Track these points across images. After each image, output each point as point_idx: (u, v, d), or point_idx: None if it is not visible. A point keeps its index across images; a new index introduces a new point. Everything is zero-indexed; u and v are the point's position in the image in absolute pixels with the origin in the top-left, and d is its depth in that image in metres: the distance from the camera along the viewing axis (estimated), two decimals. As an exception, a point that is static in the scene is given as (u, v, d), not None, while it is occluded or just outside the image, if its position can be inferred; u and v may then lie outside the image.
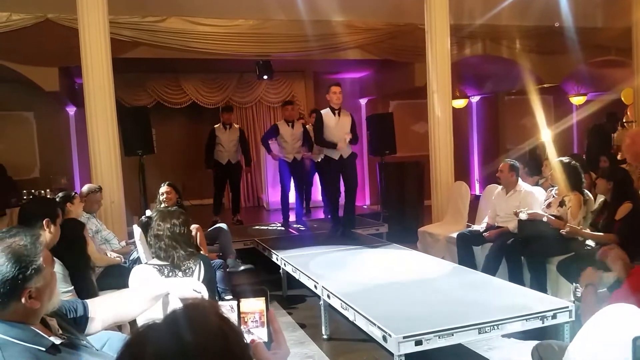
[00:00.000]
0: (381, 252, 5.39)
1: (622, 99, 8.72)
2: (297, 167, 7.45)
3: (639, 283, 2.37)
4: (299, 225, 7.31)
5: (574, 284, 3.66)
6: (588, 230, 4.45)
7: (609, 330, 1.98)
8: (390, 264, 4.93)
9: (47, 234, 2.87)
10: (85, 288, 3.06)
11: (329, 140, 5.77)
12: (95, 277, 3.73)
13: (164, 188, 5.18)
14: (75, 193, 4.64)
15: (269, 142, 7.54)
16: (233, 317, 1.40)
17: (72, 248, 3.18)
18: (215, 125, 7.97)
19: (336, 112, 5.83)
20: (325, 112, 5.86)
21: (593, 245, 4.38)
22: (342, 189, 6.03)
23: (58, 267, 2.72)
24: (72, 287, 2.92)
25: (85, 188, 5.03)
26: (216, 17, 7.44)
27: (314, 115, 7.05)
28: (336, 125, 5.80)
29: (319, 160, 6.10)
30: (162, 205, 4.97)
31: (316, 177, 8.13)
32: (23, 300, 1.57)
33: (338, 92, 5.78)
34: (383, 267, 4.83)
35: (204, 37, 7.46)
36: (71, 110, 9.66)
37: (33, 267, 1.58)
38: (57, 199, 4.32)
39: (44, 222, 2.92)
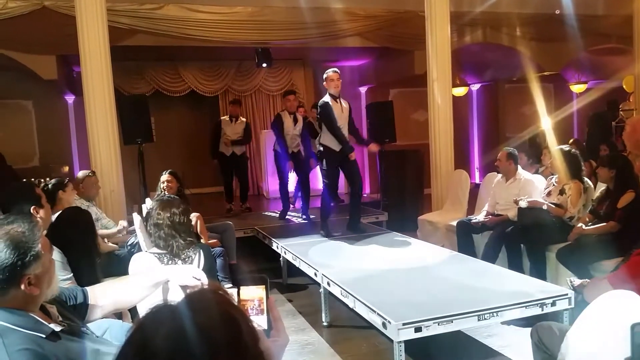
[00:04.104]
0: (381, 240, 5.39)
1: (624, 86, 8.70)
2: (297, 160, 7.01)
3: (638, 269, 2.37)
4: (299, 215, 7.21)
5: (568, 279, 3.69)
6: (583, 226, 4.42)
7: (608, 317, 1.98)
8: (390, 252, 4.93)
9: (39, 219, 2.86)
10: (93, 276, 3.05)
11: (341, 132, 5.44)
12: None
13: (165, 176, 5.16)
14: (68, 180, 4.58)
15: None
16: None
17: (82, 235, 3.17)
18: (222, 117, 7.98)
19: (337, 99, 5.52)
20: (330, 100, 5.49)
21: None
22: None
23: (56, 255, 2.72)
24: (72, 274, 2.91)
25: (80, 174, 5.04)
26: (214, 4, 7.39)
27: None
28: (341, 115, 5.51)
29: (319, 151, 5.78)
30: (163, 193, 4.97)
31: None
32: (22, 287, 1.56)
33: (336, 78, 5.47)
34: (383, 255, 4.83)
35: (202, 24, 7.42)
36: (70, 98, 9.63)
37: (32, 253, 1.58)
38: (49, 187, 4.29)
39: (32, 209, 2.91)
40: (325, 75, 5.56)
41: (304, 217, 6.96)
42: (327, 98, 5.50)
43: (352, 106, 5.82)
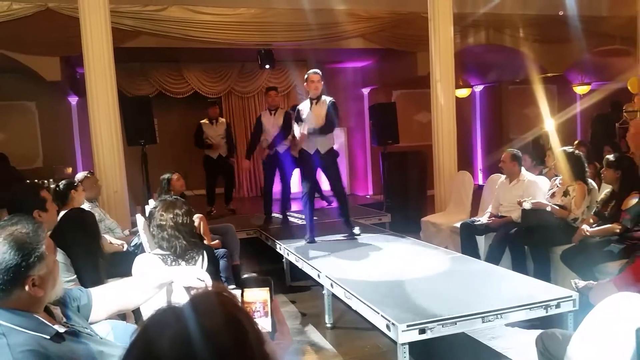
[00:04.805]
0: (384, 241, 5.39)
1: (628, 87, 8.68)
2: (277, 160, 6.92)
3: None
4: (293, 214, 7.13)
5: (573, 280, 3.67)
6: (587, 227, 4.39)
7: (614, 320, 1.97)
8: (393, 254, 4.92)
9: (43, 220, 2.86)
10: (97, 277, 3.04)
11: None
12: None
13: (175, 175, 5.19)
14: (79, 182, 4.66)
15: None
16: None
17: (86, 237, 3.17)
18: (202, 121, 7.95)
19: (314, 101, 5.35)
20: (303, 104, 5.45)
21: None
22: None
23: (60, 256, 2.72)
24: (75, 275, 2.91)
25: (78, 176, 5.07)
26: (217, 6, 7.40)
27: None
28: (308, 116, 5.34)
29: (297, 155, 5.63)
30: (171, 194, 4.98)
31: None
32: (27, 288, 1.56)
33: (317, 80, 5.31)
34: (386, 257, 4.83)
35: (205, 26, 7.42)
36: (73, 100, 9.64)
37: (36, 254, 1.58)
38: (61, 187, 4.34)
39: (34, 213, 2.91)
40: (305, 77, 5.46)
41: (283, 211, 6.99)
42: (303, 103, 5.46)
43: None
